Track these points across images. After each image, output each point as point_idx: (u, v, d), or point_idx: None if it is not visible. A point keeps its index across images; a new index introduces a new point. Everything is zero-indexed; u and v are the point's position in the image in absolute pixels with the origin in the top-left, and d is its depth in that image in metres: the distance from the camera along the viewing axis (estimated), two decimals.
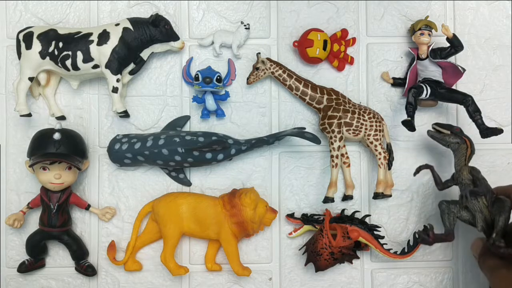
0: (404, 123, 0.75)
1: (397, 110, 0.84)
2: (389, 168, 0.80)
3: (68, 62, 0.75)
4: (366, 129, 0.79)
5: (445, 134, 0.67)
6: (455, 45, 0.79)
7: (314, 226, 0.80)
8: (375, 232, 0.79)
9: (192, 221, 0.77)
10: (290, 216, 0.82)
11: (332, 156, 0.79)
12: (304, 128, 0.80)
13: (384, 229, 0.83)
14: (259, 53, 0.81)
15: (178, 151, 0.75)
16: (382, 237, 0.80)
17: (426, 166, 0.75)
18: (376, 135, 0.79)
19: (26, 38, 0.76)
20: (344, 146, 0.81)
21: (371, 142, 0.80)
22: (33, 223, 0.80)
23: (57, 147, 0.74)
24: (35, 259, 0.79)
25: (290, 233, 0.82)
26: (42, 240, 0.78)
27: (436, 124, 0.70)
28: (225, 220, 0.76)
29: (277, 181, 0.83)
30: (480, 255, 0.70)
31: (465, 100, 0.77)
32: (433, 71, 0.80)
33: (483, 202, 0.66)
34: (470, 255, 0.83)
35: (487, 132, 0.75)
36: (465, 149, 0.67)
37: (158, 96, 0.83)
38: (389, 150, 0.81)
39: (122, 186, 0.82)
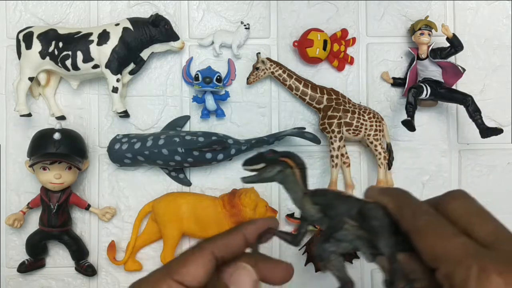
0: (404, 123, 0.75)
1: (397, 110, 0.84)
2: (389, 168, 0.80)
3: (68, 62, 0.75)
4: (366, 129, 0.79)
5: (260, 170, 0.39)
6: (455, 45, 0.79)
7: (314, 226, 0.80)
8: None
9: (192, 221, 0.77)
10: (290, 216, 0.82)
11: (332, 156, 0.79)
12: (304, 128, 0.80)
13: None
14: (259, 53, 0.81)
15: (178, 151, 0.75)
16: None
17: (268, 231, 0.39)
18: (376, 135, 0.79)
19: (26, 38, 0.76)
20: (344, 146, 0.81)
21: (371, 142, 0.80)
22: (33, 223, 0.80)
23: (57, 147, 0.74)
24: (35, 259, 0.79)
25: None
26: (42, 240, 0.78)
27: (244, 164, 0.40)
28: (225, 220, 0.76)
29: (277, 183, 0.83)
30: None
31: (465, 100, 0.77)
32: (433, 71, 0.80)
33: (351, 225, 0.37)
34: None
35: (487, 132, 0.76)
36: (292, 174, 0.39)
37: (158, 96, 0.83)
38: (389, 150, 0.81)
39: (122, 186, 0.82)
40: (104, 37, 0.76)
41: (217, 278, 0.33)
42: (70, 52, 0.75)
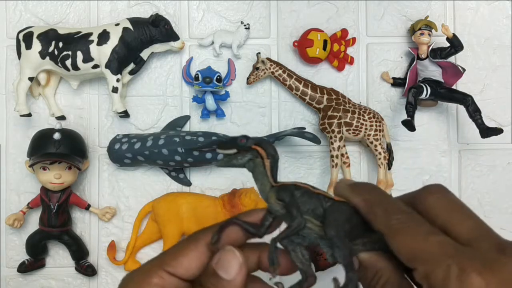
0: (404, 123, 0.75)
1: (397, 110, 0.84)
2: (389, 168, 0.80)
3: (68, 62, 0.75)
4: (366, 129, 0.79)
5: (231, 156, 0.38)
6: (455, 45, 0.79)
7: None
8: None
9: (192, 221, 0.77)
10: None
11: (332, 156, 0.79)
12: (304, 128, 0.80)
13: None
14: (259, 53, 0.81)
15: (178, 151, 0.75)
16: None
17: (230, 223, 0.37)
18: (376, 135, 0.79)
19: (26, 38, 0.76)
20: (344, 146, 0.81)
21: (371, 142, 0.80)
22: (33, 223, 0.80)
23: (57, 147, 0.74)
24: (35, 259, 0.79)
25: None
26: (42, 240, 0.78)
27: (218, 147, 0.39)
28: None
29: None
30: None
31: (465, 100, 0.77)
32: (433, 71, 0.80)
33: (315, 224, 0.35)
34: None
35: (487, 132, 0.76)
36: (261, 165, 0.37)
37: (158, 96, 0.83)
38: (389, 150, 0.81)
39: (122, 186, 0.82)
40: (104, 37, 0.76)
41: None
42: (70, 52, 0.75)
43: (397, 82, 0.84)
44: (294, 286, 0.36)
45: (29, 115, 0.77)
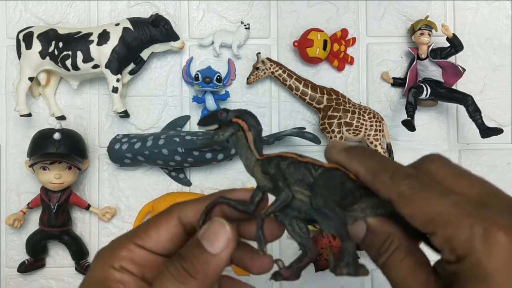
0: (404, 123, 0.75)
1: (397, 110, 0.84)
2: None
3: (68, 62, 0.75)
4: (366, 129, 0.79)
5: (213, 133, 0.36)
6: (455, 45, 0.79)
7: (315, 226, 0.80)
8: None
9: None
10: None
11: None
12: (304, 128, 0.80)
13: None
14: (259, 53, 0.81)
15: (178, 151, 0.75)
16: None
17: (217, 202, 0.34)
18: (376, 135, 0.79)
19: (26, 38, 0.76)
20: None
21: (371, 142, 0.80)
22: (33, 223, 0.80)
23: (57, 147, 0.74)
24: (35, 259, 0.79)
25: None
26: (42, 240, 0.78)
27: (199, 124, 0.37)
28: None
29: None
30: None
31: (465, 100, 0.77)
32: (433, 71, 0.80)
33: (306, 195, 0.32)
34: None
35: (487, 132, 0.76)
36: (244, 138, 0.34)
37: (158, 96, 0.83)
38: (389, 150, 0.81)
39: (122, 186, 0.82)
40: (104, 37, 0.76)
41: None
42: (70, 52, 0.75)
43: (397, 82, 0.84)
44: (294, 262, 0.34)
45: (29, 115, 0.77)
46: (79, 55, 0.75)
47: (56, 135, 0.74)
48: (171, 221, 0.32)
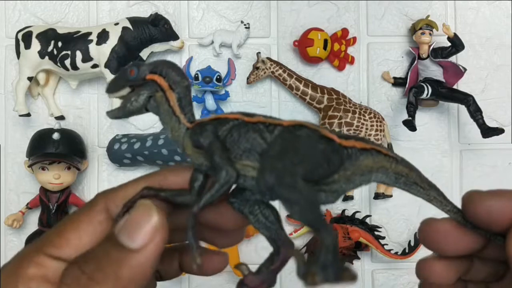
0: (405, 123, 0.75)
1: (398, 110, 0.84)
2: None
3: (67, 62, 0.75)
4: (366, 129, 0.79)
5: (124, 100, 0.26)
6: (456, 44, 0.78)
7: None
8: (376, 233, 0.79)
9: None
10: (291, 216, 0.81)
11: None
12: None
13: (385, 230, 0.83)
14: (259, 52, 0.81)
15: (177, 151, 0.75)
16: (383, 238, 0.79)
17: (142, 194, 0.26)
18: (377, 135, 0.79)
19: (25, 38, 0.76)
20: None
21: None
22: (32, 224, 0.79)
23: (56, 147, 0.74)
24: None
25: (291, 234, 0.81)
26: None
27: (107, 90, 0.27)
28: None
29: None
30: None
31: (466, 100, 0.77)
32: (434, 71, 0.80)
33: (255, 167, 0.24)
34: None
35: (488, 132, 0.75)
36: (165, 100, 0.25)
37: None
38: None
39: None
40: (103, 36, 0.75)
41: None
42: (69, 52, 0.75)
43: (398, 82, 0.84)
44: (264, 266, 0.26)
45: (28, 115, 0.77)
46: (78, 55, 0.75)
47: (55, 135, 0.74)
48: (95, 216, 0.23)
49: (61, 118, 0.81)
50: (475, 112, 0.76)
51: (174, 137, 0.25)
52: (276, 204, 0.24)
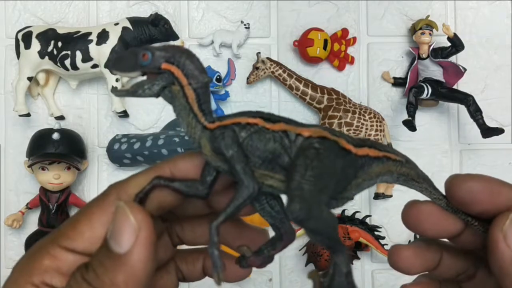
0: (405, 123, 0.75)
1: (397, 110, 0.84)
2: None
3: (67, 62, 0.75)
4: (366, 129, 0.79)
5: (135, 85, 0.25)
6: (456, 44, 0.78)
7: None
8: (376, 233, 0.79)
9: None
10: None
11: None
12: None
13: (385, 230, 0.83)
14: (259, 52, 0.81)
15: (177, 151, 0.75)
16: (383, 238, 0.79)
17: (152, 188, 0.25)
18: (377, 135, 0.79)
19: (25, 38, 0.76)
20: None
21: None
22: (32, 224, 0.79)
23: (56, 147, 0.74)
24: None
25: None
26: None
27: (113, 67, 0.25)
28: None
29: None
30: None
31: (466, 100, 0.77)
32: (434, 71, 0.80)
33: (279, 179, 0.24)
34: None
35: (488, 132, 0.75)
36: (182, 95, 0.24)
37: None
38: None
39: None
40: (103, 36, 0.75)
41: None
42: (69, 52, 0.75)
43: (398, 82, 0.84)
44: (266, 248, 0.25)
45: (28, 115, 0.77)
46: (78, 55, 0.75)
47: (55, 135, 0.74)
48: (107, 207, 0.23)
49: (61, 118, 0.81)
50: (475, 112, 0.76)
51: (189, 133, 0.24)
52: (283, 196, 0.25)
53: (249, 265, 0.25)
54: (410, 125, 0.75)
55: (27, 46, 0.76)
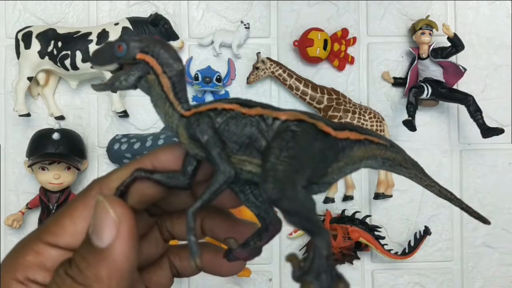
0: (405, 123, 0.75)
1: (397, 110, 0.84)
2: None
3: (67, 62, 0.75)
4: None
5: (112, 78, 0.26)
6: (456, 44, 0.78)
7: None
8: (376, 233, 0.79)
9: None
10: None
11: None
12: None
13: (385, 230, 0.83)
14: (259, 52, 0.81)
15: None
16: (383, 238, 0.79)
17: (132, 180, 0.25)
18: None
19: (25, 38, 0.76)
20: None
21: None
22: (32, 224, 0.79)
23: (56, 147, 0.74)
24: None
25: (291, 234, 0.82)
26: None
27: (92, 61, 0.27)
28: None
29: None
30: None
31: (466, 100, 0.77)
32: (434, 71, 0.80)
33: (255, 163, 0.23)
34: (471, 256, 0.83)
35: (488, 132, 0.75)
36: (158, 83, 0.24)
37: None
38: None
39: None
40: (103, 36, 0.75)
41: None
42: (69, 52, 0.75)
43: (398, 82, 0.84)
44: (252, 240, 0.25)
45: (28, 115, 0.77)
46: (78, 55, 0.75)
47: (55, 135, 0.74)
48: (89, 202, 0.23)
49: (61, 118, 0.81)
50: (475, 112, 0.76)
51: (167, 122, 0.25)
52: None
53: (236, 257, 0.25)
54: (410, 125, 0.75)
55: (27, 46, 0.76)
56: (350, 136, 0.23)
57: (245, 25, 0.81)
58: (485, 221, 0.25)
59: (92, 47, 0.75)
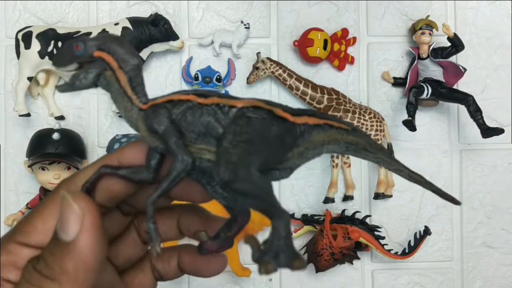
0: (405, 123, 0.75)
1: (397, 110, 0.84)
2: None
3: None
4: (366, 129, 0.79)
5: (72, 76, 0.25)
6: (456, 44, 0.78)
7: (315, 226, 0.79)
8: (376, 233, 0.79)
9: None
10: (291, 216, 0.81)
11: (332, 156, 0.79)
12: None
13: (385, 230, 0.83)
14: (259, 52, 0.81)
15: None
16: (383, 238, 0.79)
17: (98, 177, 0.27)
18: (377, 135, 0.79)
19: (25, 38, 0.76)
20: None
21: None
22: None
23: (56, 147, 0.74)
24: None
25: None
26: None
27: (54, 63, 0.27)
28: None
29: (277, 182, 0.83)
30: None
31: (466, 100, 0.77)
32: (434, 71, 0.80)
33: (213, 151, 0.23)
34: (471, 256, 0.83)
35: (488, 132, 0.75)
36: (115, 79, 0.25)
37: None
38: (390, 150, 0.80)
39: None
40: None
41: None
42: None
43: (398, 82, 0.84)
44: (222, 232, 0.26)
45: (28, 115, 0.77)
46: None
47: (55, 135, 0.74)
48: (58, 201, 0.24)
49: (61, 118, 0.81)
50: (475, 112, 0.76)
51: (127, 117, 0.25)
52: None
53: (208, 250, 0.26)
54: (410, 125, 0.75)
55: (27, 46, 0.76)
56: (309, 121, 0.23)
57: (245, 25, 0.81)
58: (456, 202, 0.25)
59: None
